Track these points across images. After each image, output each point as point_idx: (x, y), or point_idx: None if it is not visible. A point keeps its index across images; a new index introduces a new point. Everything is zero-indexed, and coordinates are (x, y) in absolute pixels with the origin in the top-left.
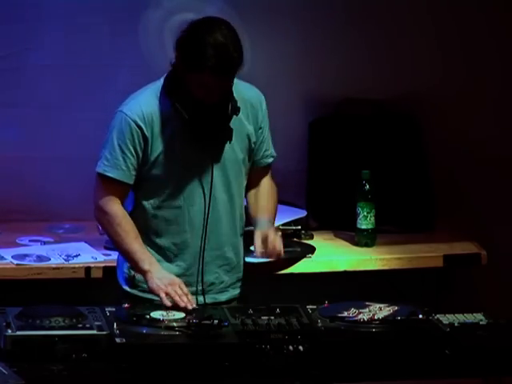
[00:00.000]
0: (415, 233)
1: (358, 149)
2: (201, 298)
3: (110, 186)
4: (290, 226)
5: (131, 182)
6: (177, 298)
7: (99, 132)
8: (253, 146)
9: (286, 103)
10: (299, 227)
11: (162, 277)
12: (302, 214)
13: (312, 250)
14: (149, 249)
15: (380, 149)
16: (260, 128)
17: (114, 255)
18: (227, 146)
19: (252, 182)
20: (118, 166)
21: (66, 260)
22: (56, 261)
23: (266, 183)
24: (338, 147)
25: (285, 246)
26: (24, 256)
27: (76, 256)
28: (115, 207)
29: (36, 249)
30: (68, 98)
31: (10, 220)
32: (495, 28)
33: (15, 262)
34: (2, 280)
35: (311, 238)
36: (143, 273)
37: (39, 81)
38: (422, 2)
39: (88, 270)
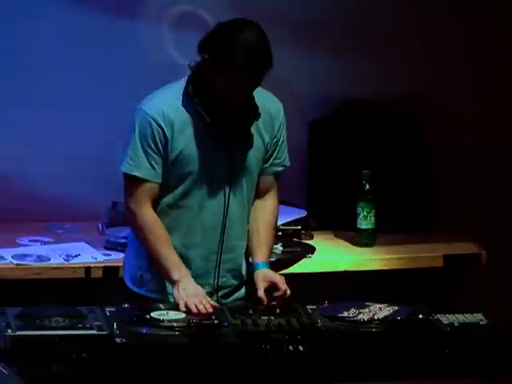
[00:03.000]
0: (415, 233)
1: (358, 149)
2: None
3: (137, 185)
4: (290, 225)
5: (158, 180)
6: (193, 307)
7: (99, 132)
8: (266, 155)
9: (286, 103)
10: (299, 227)
11: (188, 288)
12: (302, 214)
13: (312, 250)
14: None
15: (380, 149)
16: (275, 137)
17: (114, 255)
18: (244, 152)
19: (258, 191)
20: (143, 165)
21: (66, 260)
22: (56, 261)
23: (272, 207)
24: (337, 147)
25: (285, 246)
26: (24, 256)
27: (76, 256)
28: (146, 211)
29: (36, 249)
30: (68, 98)
31: (10, 220)
32: (497, 29)
33: (15, 262)
34: (1, 280)
35: (311, 238)
36: (172, 282)
37: (39, 81)
38: (422, 1)
39: (88, 270)
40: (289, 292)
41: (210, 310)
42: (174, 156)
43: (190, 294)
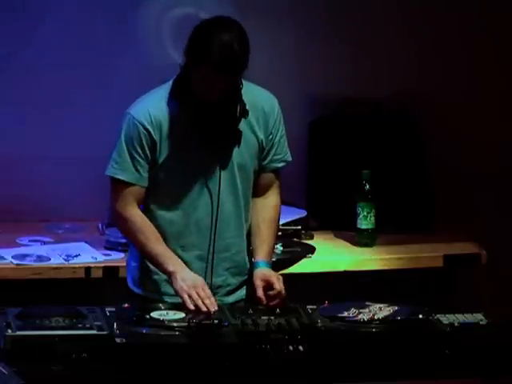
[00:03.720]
0: (415, 233)
1: (358, 149)
2: None
3: (122, 189)
4: (290, 226)
5: (143, 184)
6: (199, 302)
7: (99, 132)
8: (262, 152)
9: (286, 103)
10: (299, 227)
11: (186, 278)
12: (302, 214)
13: (312, 250)
14: None
15: (380, 149)
16: (270, 133)
17: (114, 255)
18: (235, 150)
19: (259, 188)
20: (128, 169)
21: (66, 260)
22: (56, 261)
23: (273, 203)
24: (337, 147)
25: (285, 246)
26: (24, 256)
27: (76, 256)
28: (133, 212)
29: (36, 249)
30: (68, 98)
31: (9, 220)
32: (495, 27)
33: (15, 261)
34: (1, 280)
35: (311, 238)
36: (168, 274)
37: (38, 80)
38: (418, 2)
39: (88, 270)
40: (283, 292)
41: (215, 306)
42: (163, 158)
43: (190, 284)
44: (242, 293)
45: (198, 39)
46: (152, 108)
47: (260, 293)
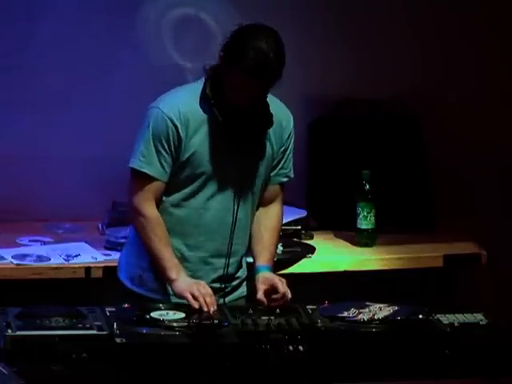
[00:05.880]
0: (415, 233)
1: (358, 149)
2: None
3: (144, 183)
4: (290, 225)
5: (165, 180)
6: (201, 299)
7: (99, 132)
8: (272, 163)
9: (286, 103)
10: (299, 227)
11: (187, 280)
12: (302, 214)
13: (312, 250)
14: None
15: (380, 149)
16: (282, 146)
17: (114, 255)
18: (254, 158)
19: (263, 200)
20: (153, 163)
21: (66, 260)
22: (56, 261)
23: (276, 212)
24: (337, 147)
25: (285, 246)
26: (24, 256)
27: (76, 256)
28: (150, 210)
29: (36, 249)
30: (68, 98)
31: (9, 220)
32: (497, 27)
33: (15, 261)
34: (1, 280)
35: (311, 238)
36: (170, 281)
37: (38, 80)
38: (419, 2)
39: (88, 270)
40: (289, 294)
41: (215, 304)
42: (187, 156)
43: (191, 283)
44: (241, 290)
45: (236, 43)
46: (181, 104)
47: (260, 295)
